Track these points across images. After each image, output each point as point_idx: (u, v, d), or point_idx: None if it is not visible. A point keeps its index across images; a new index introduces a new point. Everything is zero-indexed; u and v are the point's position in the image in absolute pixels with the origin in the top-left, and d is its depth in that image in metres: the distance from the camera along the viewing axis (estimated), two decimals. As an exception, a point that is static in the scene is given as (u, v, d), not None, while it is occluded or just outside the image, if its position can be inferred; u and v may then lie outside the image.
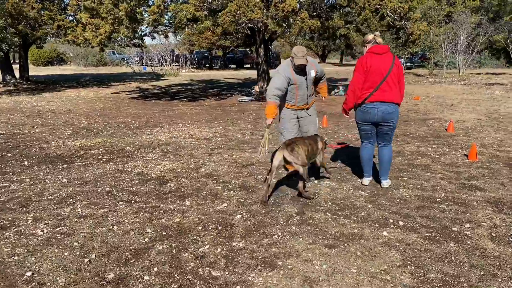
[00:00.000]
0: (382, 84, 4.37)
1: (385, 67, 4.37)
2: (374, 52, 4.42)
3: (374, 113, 4.44)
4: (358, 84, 4.47)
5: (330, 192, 4.71)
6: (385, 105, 4.40)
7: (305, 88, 4.88)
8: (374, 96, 4.40)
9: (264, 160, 5.86)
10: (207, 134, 8.17)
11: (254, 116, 10.46)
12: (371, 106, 4.43)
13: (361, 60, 4.47)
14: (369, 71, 4.38)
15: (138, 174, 5.51)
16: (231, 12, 9.93)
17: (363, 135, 4.75)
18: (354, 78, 4.50)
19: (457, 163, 5.84)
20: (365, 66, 4.39)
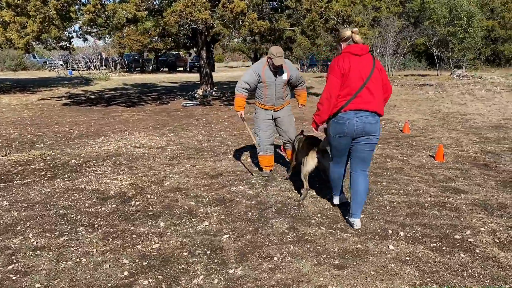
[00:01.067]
0: (362, 91, 3.51)
1: (365, 71, 3.53)
2: (352, 52, 3.55)
3: (353, 124, 3.53)
4: (335, 89, 3.53)
5: (315, 202, 4.39)
6: (366, 114, 3.53)
7: (274, 89, 4.95)
8: (353, 104, 3.51)
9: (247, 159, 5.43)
10: (160, 142, 7.55)
11: (205, 121, 9.95)
12: (350, 116, 3.52)
13: (336, 61, 3.57)
14: (347, 74, 3.51)
15: (93, 191, 4.84)
16: (177, 12, 9.35)
17: (336, 151, 3.83)
18: (329, 82, 3.56)
19: (426, 164, 5.80)
20: (342, 69, 3.51)
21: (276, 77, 4.91)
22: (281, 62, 4.79)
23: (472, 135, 7.79)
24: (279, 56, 4.74)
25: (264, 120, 5.18)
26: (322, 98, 3.62)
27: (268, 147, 5.26)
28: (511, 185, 4.88)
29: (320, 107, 3.64)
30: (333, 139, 3.74)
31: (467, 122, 9.22)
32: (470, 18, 22.76)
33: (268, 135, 5.23)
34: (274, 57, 4.73)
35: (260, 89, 5.02)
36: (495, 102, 12.49)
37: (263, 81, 4.91)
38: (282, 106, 5.19)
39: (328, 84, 3.58)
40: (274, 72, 4.89)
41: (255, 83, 4.95)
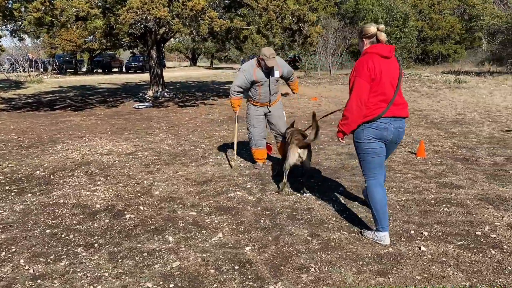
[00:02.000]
0: (396, 97, 3.26)
1: (395, 76, 3.26)
2: (381, 54, 3.20)
3: (389, 130, 3.26)
4: (365, 96, 3.18)
5: (324, 205, 4.23)
6: (401, 121, 3.33)
7: (268, 86, 5.13)
8: (390, 111, 3.24)
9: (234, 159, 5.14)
10: (127, 148, 7.04)
11: (166, 124, 9.47)
12: (388, 122, 3.25)
13: (365, 63, 3.17)
14: (379, 80, 3.17)
15: (76, 206, 4.34)
16: (133, 9, 8.81)
17: (375, 161, 3.34)
18: (358, 87, 3.17)
19: (411, 161, 5.86)
20: (373, 72, 3.14)
21: (269, 75, 5.08)
22: (274, 63, 4.93)
23: (438, 130, 8.06)
24: (272, 57, 4.87)
25: (255, 116, 5.36)
26: (351, 105, 3.21)
27: (260, 141, 5.48)
28: (499, 178, 5.02)
29: (349, 115, 3.23)
30: (369, 146, 3.30)
31: (427, 118, 9.55)
32: (406, 18, 23.94)
33: (260, 130, 5.42)
34: (267, 58, 4.86)
35: (254, 89, 5.19)
36: (442, 98, 13.13)
37: (257, 81, 5.07)
38: (276, 101, 5.40)
39: (357, 90, 3.18)
40: (266, 72, 5.04)
41: (247, 85, 5.13)
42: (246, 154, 6.38)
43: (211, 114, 10.81)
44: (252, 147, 5.58)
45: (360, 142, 3.33)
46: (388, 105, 3.23)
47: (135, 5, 8.68)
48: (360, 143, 3.34)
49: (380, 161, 3.38)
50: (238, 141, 5.83)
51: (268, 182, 5.02)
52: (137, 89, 19.37)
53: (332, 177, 5.19)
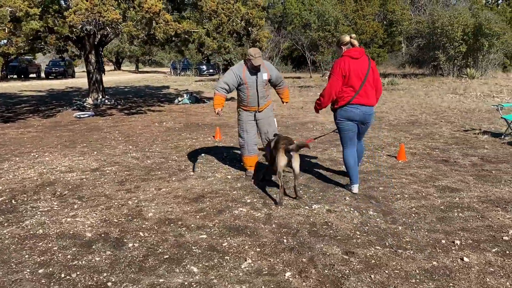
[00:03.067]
0: (362, 88, 4.38)
1: (363, 71, 4.38)
2: (351, 56, 4.36)
3: (356, 114, 4.44)
4: (335, 88, 4.41)
5: (341, 218, 4.02)
6: (365, 107, 4.46)
7: (255, 88, 5.07)
8: (356, 99, 4.41)
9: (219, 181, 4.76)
10: (89, 163, 6.36)
11: (120, 134, 8.77)
12: (355, 108, 4.44)
13: (338, 63, 4.38)
14: (348, 75, 4.34)
15: (61, 236, 3.74)
16: (82, 11, 8.03)
17: (346, 136, 4.61)
18: (331, 82, 4.42)
19: (396, 165, 5.87)
20: (344, 71, 4.34)
21: (256, 77, 5.05)
22: (260, 62, 4.97)
23: (402, 132, 8.25)
24: (258, 56, 4.91)
25: (248, 122, 5.29)
26: (324, 92, 4.51)
27: (253, 148, 5.39)
28: (487, 178, 5.16)
29: (322, 99, 4.59)
30: (342, 124, 4.55)
31: (383, 120, 9.79)
32: (337, 23, 24.71)
33: (253, 135, 5.36)
34: (253, 58, 4.88)
35: (242, 91, 5.15)
36: (385, 100, 13.62)
37: (245, 82, 5.03)
38: (266, 106, 5.30)
39: (331, 83, 4.43)
40: (254, 72, 5.03)
41: (234, 84, 5.06)
42: (230, 163, 6.03)
43: (165, 122, 10.23)
44: (244, 154, 5.43)
45: (337, 121, 4.60)
46: (354, 94, 4.38)
47: (84, 7, 7.92)
48: (337, 122, 4.61)
49: (352, 136, 4.60)
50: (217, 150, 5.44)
51: (266, 194, 4.72)
52: (67, 96, 18.03)
53: (332, 185, 5.01)
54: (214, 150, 7.07)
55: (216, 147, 7.27)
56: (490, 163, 5.83)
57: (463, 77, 21.40)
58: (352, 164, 4.63)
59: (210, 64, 36.79)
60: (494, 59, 22.64)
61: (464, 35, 21.91)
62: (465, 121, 9.41)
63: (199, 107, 13.23)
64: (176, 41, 12.18)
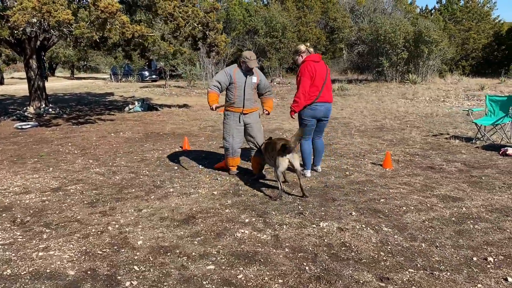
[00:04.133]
0: (324, 88, 5.16)
1: (323, 73, 5.19)
2: (313, 60, 5.13)
3: (320, 110, 5.20)
4: (307, 87, 5.08)
5: (358, 237, 3.69)
6: (328, 104, 5.28)
7: (243, 90, 5.31)
8: (321, 98, 5.16)
9: (206, 198, 4.28)
10: (47, 181, 5.60)
11: (74, 147, 7.93)
12: (320, 105, 5.18)
13: (306, 67, 5.07)
14: (314, 77, 5.06)
15: (38, 276, 3.09)
16: (28, 10, 7.16)
17: (308, 130, 5.30)
18: (303, 83, 5.07)
19: (385, 173, 5.67)
20: (311, 72, 5.05)
21: (246, 79, 5.31)
22: (255, 65, 5.30)
23: (374, 138, 8.14)
24: (253, 59, 5.24)
25: (235, 127, 5.46)
26: (299, 93, 5.11)
27: (237, 151, 5.60)
28: (481, 185, 5.08)
29: (298, 100, 5.12)
30: (307, 121, 5.25)
31: (350, 126, 9.68)
32: (284, 30, 24.77)
33: (238, 141, 5.53)
34: (248, 60, 5.22)
35: (230, 91, 5.37)
36: (343, 106, 13.65)
37: (234, 81, 5.29)
38: (252, 110, 5.49)
39: (303, 84, 5.08)
40: (244, 74, 5.31)
41: (226, 83, 5.31)
42: (209, 176, 5.53)
43: (121, 132, 9.46)
44: (228, 156, 5.63)
45: (303, 118, 5.28)
46: (319, 94, 5.13)
47: (31, 5, 7.06)
48: (303, 119, 5.28)
49: (312, 130, 5.38)
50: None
51: (265, 213, 4.29)
52: (0, 104, 16.46)
53: (328, 197, 4.68)
54: (187, 162, 6.52)
55: (188, 159, 6.72)
56: (475, 169, 5.79)
57: (405, 82, 22.18)
58: (308, 152, 5.42)
59: (152, 70, 35.67)
60: (433, 65, 23.71)
61: (405, 42, 22.76)
62: (429, 125, 9.53)
63: (153, 115, 12.50)
64: (123, 45, 11.39)
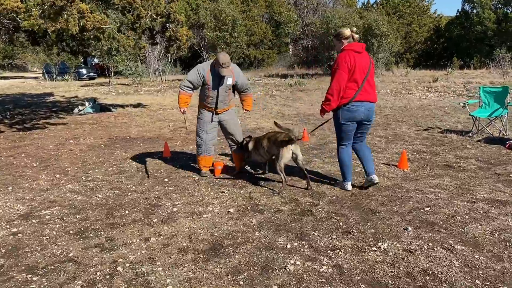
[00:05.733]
0: (364, 84, 4.19)
1: (365, 66, 4.21)
2: (354, 50, 4.17)
3: (360, 111, 4.23)
4: (344, 82, 4.13)
5: (434, 260, 3.08)
6: (370, 104, 4.29)
7: (216, 92, 4.96)
8: (360, 95, 4.20)
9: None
10: (11, 206, 4.53)
11: (28, 157, 6.72)
12: (359, 105, 4.22)
13: (343, 57, 4.12)
14: (353, 70, 4.12)
15: None
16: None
17: (346, 136, 4.41)
18: (338, 76, 4.11)
19: (407, 176, 5.17)
20: (350, 64, 4.10)
21: (220, 81, 4.90)
22: (228, 73, 4.81)
23: (369, 136, 7.65)
24: (226, 66, 4.73)
25: (209, 123, 5.17)
26: (332, 89, 4.15)
27: (210, 148, 5.28)
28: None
29: (331, 97, 4.18)
30: (343, 125, 4.32)
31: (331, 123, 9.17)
32: (235, 23, 24.00)
33: (211, 137, 5.25)
34: (220, 67, 4.73)
35: (204, 91, 5.02)
36: (311, 102, 13.18)
37: (208, 83, 4.90)
38: (224, 109, 5.20)
39: (337, 78, 4.11)
40: (219, 76, 4.85)
41: (199, 83, 4.95)
42: (212, 189, 4.72)
43: (81, 138, 8.28)
44: (200, 154, 5.29)
45: (340, 122, 4.32)
46: (358, 90, 4.16)
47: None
48: (340, 123, 4.32)
49: (351, 135, 4.41)
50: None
51: (300, 231, 3.58)
52: None
53: (366, 208, 4.06)
54: (176, 172, 5.64)
55: (175, 169, 5.83)
56: (495, 166, 5.44)
57: (357, 76, 22.25)
58: (348, 162, 4.50)
59: (89, 67, 33.56)
60: (382, 58, 24.03)
61: (356, 36, 22.82)
62: (412, 119, 9.26)
63: (109, 116, 11.29)
64: (79, 40, 10.10)
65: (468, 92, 13.73)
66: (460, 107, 10.43)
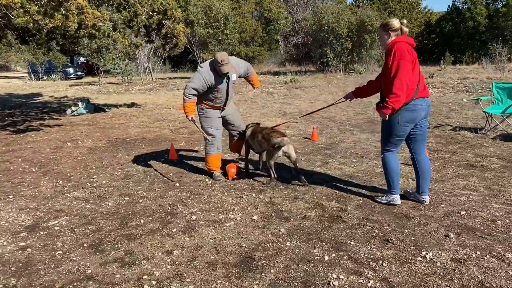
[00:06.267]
0: (421, 78, 3.76)
1: (417, 61, 3.75)
2: (409, 43, 3.69)
3: (422, 109, 3.75)
4: (409, 75, 3.57)
5: (488, 272, 2.86)
6: (428, 100, 3.84)
7: (226, 91, 4.90)
8: (421, 92, 3.73)
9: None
10: (15, 217, 4.21)
11: (27, 161, 6.36)
12: (420, 102, 3.73)
13: (404, 48, 3.59)
14: (415, 62, 3.67)
15: None
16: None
17: (398, 140, 3.87)
18: (403, 69, 3.52)
19: (432, 177, 4.94)
20: (413, 56, 3.63)
21: (227, 80, 4.82)
22: (229, 69, 4.66)
23: (377, 133, 7.45)
24: (226, 63, 4.59)
25: (217, 118, 5.07)
26: (401, 84, 3.53)
27: (220, 144, 5.18)
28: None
29: (400, 93, 3.56)
30: (401, 128, 3.77)
31: (337, 120, 8.97)
32: (226, 20, 23.63)
33: (221, 132, 5.17)
34: (220, 65, 4.59)
35: (211, 93, 4.87)
36: (311, 99, 12.96)
37: (215, 86, 4.77)
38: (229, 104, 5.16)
39: (402, 70, 3.53)
40: (224, 76, 4.76)
41: (204, 89, 4.77)
42: (228, 194, 4.46)
43: (79, 140, 7.93)
44: (212, 152, 5.09)
45: (399, 124, 3.74)
46: (417, 86, 3.69)
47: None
48: (399, 125, 3.75)
49: (402, 141, 3.90)
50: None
51: (335, 241, 3.34)
52: None
53: (398, 213, 3.83)
54: (186, 176, 5.36)
55: (185, 172, 5.55)
56: (518, 164, 5.26)
57: (350, 72, 22.13)
58: (397, 169, 3.99)
59: (76, 66, 32.95)
60: (375, 54, 23.93)
61: (349, 32, 22.67)
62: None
63: (105, 117, 10.91)
64: (73, 37, 9.71)
65: (467, 88, 13.63)
66: (465, 103, 10.30)
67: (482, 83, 14.55)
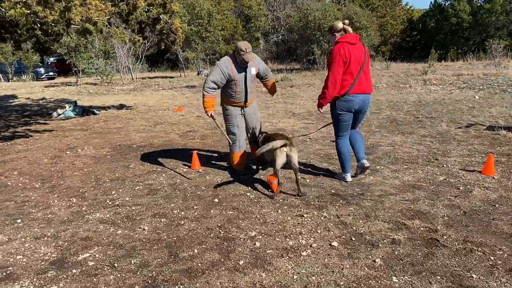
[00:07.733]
0: (360, 75, 4.21)
1: (361, 57, 4.22)
2: (348, 41, 4.17)
3: (355, 102, 4.27)
4: (339, 76, 4.16)
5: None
6: (365, 96, 4.31)
7: (244, 85, 4.77)
8: (356, 88, 4.23)
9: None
10: (32, 249, 3.44)
11: (25, 175, 5.51)
12: (354, 97, 4.24)
13: (338, 50, 4.15)
14: (349, 62, 4.15)
15: None
16: None
17: (343, 126, 4.45)
18: (334, 69, 4.15)
19: (508, 186, 4.42)
20: (345, 57, 4.13)
21: (245, 73, 4.72)
22: (252, 58, 4.63)
23: (408, 135, 6.92)
24: (249, 51, 4.53)
25: (238, 116, 4.96)
26: (328, 83, 4.17)
27: (243, 142, 5.07)
28: None
29: (326, 91, 4.21)
30: (340, 115, 4.34)
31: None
32: (210, 17, 22.82)
33: (243, 130, 5.07)
34: (244, 53, 4.51)
35: (230, 88, 4.78)
36: (313, 98, 12.40)
37: (234, 78, 4.68)
38: (251, 100, 5.00)
39: (333, 71, 4.13)
40: (242, 68, 4.69)
41: (223, 82, 4.69)
42: (274, 210, 3.79)
43: (79, 148, 7.07)
44: (235, 151, 5.01)
45: (337, 112, 4.34)
46: (353, 82, 4.18)
47: None
48: (337, 113, 4.35)
49: (348, 126, 4.44)
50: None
51: (438, 269, 2.73)
52: None
53: (500, 231, 3.26)
54: (222, 189, 4.67)
55: (217, 183, 4.84)
56: None
57: (339, 70, 21.70)
58: (347, 153, 4.52)
59: (48, 66, 31.45)
60: (362, 51, 23.57)
61: (336, 29, 22.24)
62: (441, 115, 8.61)
63: (97, 120, 10.00)
64: (38, 35, 8.77)
65: (467, 84, 13.36)
66: (478, 100, 9.94)
67: (479, 79, 14.33)
